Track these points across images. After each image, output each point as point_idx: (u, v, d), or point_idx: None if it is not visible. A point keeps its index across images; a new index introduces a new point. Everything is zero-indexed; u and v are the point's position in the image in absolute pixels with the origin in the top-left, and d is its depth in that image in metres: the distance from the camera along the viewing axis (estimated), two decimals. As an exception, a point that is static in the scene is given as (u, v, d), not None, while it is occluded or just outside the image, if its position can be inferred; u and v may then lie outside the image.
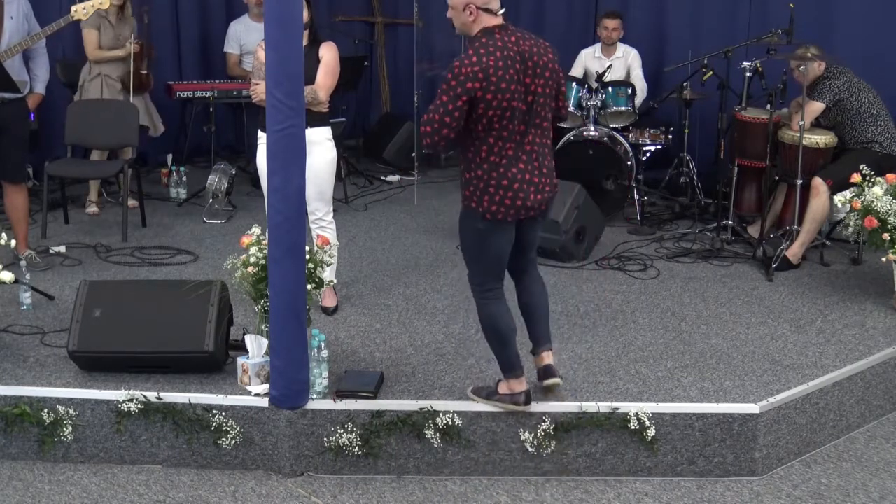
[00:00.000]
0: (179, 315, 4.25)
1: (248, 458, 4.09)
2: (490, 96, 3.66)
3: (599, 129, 6.95)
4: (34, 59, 5.79)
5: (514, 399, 4.03)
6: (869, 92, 5.96)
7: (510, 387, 4.04)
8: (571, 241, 6.02)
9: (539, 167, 3.87)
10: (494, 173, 3.78)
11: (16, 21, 5.47)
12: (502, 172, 3.78)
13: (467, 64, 3.66)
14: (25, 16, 5.57)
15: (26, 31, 5.55)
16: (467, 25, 3.81)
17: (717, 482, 4.05)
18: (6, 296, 5.16)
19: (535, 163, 3.85)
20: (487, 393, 4.11)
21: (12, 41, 5.41)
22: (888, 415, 4.66)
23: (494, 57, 3.68)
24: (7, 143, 5.51)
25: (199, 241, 6.37)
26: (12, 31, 5.44)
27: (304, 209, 4.09)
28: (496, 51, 3.70)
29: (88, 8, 5.46)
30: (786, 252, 5.88)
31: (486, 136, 3.75)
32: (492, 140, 3.75)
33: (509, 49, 3.73)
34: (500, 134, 3.75)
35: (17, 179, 5.67)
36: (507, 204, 3.80)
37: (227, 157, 8.13)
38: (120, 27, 6.83)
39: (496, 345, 4.03)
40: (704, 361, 4.55)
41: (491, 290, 3.95)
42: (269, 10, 3.72)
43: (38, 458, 4.11)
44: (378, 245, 6.39)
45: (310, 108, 4.61)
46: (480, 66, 3.65)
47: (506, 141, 3.76)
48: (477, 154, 3.79)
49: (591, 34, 8.20)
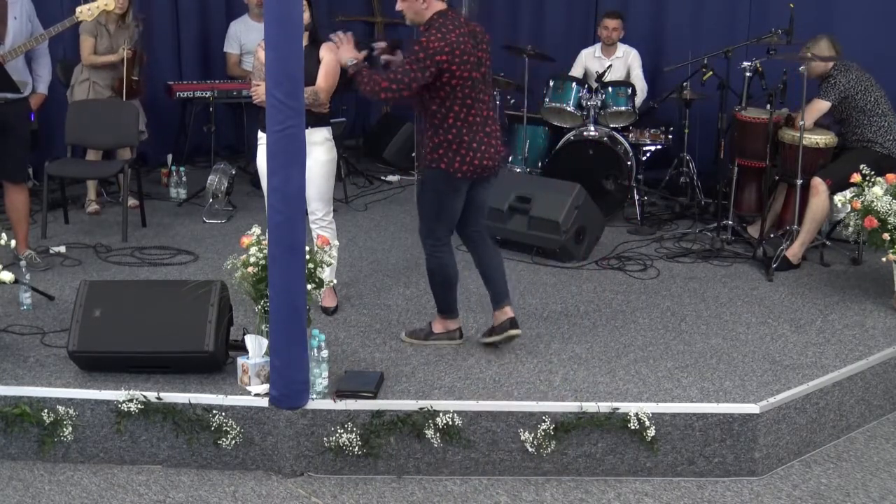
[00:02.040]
0: (179, 315, 4.25)
1: (248, 458, 4.09)
2: (455, 67, 4.24)
3: (599, 129, 6.95)
4: (37, 59, 5.79)
5: (450, 335, 4.71)
6: (877, 90, 5.94)
7: (446, 325, 4.71)
8: (571, 241, 6.02)
9: (492, 132, 4.47)
10: (460, 137, 4.35)
11: (19, 22, 5.47)
12: (465, 135, 4.35)
13: (434, 40, 4.20)
14: (29, 16, 5.56)
15: (29, 31, 5.54)
16: (420, 13, 4.36)
17: (717, 482, 4.05)
18: (6, 296, 5.16)
19: (488, 128, 4.45)
20: (425, 334, 4.71)
21: (16, 42, 5.41)
22: (888, 415, 4.66)
23: (455, 34, 4.25)
24: (9, 143, 5.51)
25: (199, 241, 6.37)
26: (16, 31, 5.44)
27: (304, 209, 4.09)
28: (455, 28, 4.27)
29: (94, 9, 5.48)
30: (786, 252, 5.88)
31: (451, 103, 4.31)
32: (457, 108, 4.33)
33: (462, 27, 4.33)
34: (465, 101, 4.33)
35: (18, 179, 5.67)
36: (471, 164, 4.39)
37: (227, 157, 8.13)
38: (118, 35, 6.85)
39: (443, 290, 4.66)
40: (704, 361, 4.55)
41: (445, 243, 4.56)
42: (269, 10, 3.72)
43: (38, 458, 4.11)
44: (378, 245, 6.39)
45: (310, 108, 4.61)
46: (447, 41, 4.21)
47: (469, 108, 4.35)
48: (444, 120, 4.34)
49: (591, 34, 8.19)
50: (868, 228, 5.19)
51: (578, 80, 7.29)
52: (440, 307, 4.71)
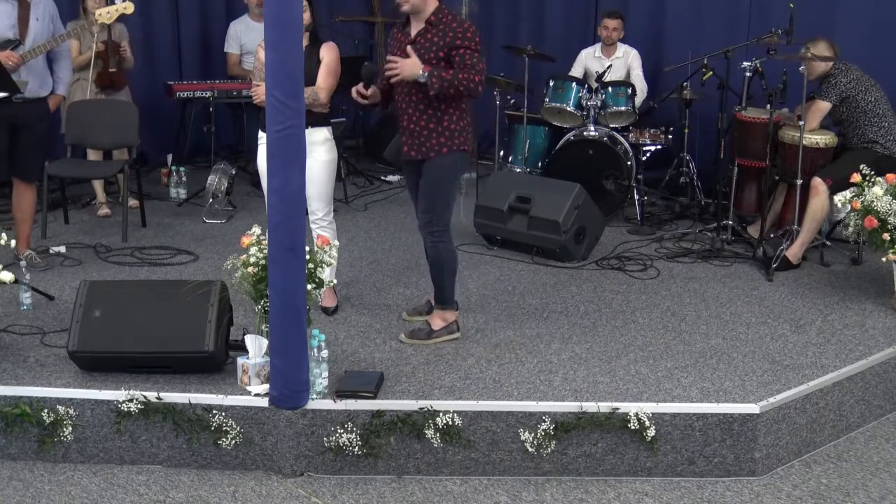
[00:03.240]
0: (179, 315, 4.25)
1: (248, 458, 4.09)
2: None
3: (599, 129, 6.96)
4: (58, 60, 5.79)
5: (450, 329, 4.74)
6: (877, 91, 5.95)
7: (445, 318, 4.74)
8: (571, 241, 6.02)
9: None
10: (468, 118, 4.58)
11: (41, 22, 5.49)
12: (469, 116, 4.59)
13: (469, 26, 4.45)
14: (51, 17, 5.58)
15: (51, 32, 5.56)
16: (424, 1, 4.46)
17: (717, 482, 4.05)
18: (6, 296, 5.16)
19: None
20: (426, 334, 4.71)
21: (37, 42, 5.43)
22: (888, 415, 4.66)
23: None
24: (25, 142, 5.52)
25: (199, 241, 6.38)
26: (37, 32, 5.46)
27: (304, 209, 4.09)
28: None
29: (113, 12, 5.57)
30: (786, 252, 5.88)
31: None
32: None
33: None
34: None
35: (29, 179, 5.68)
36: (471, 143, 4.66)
37: (227, 157, 8.14)
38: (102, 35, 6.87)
39: (450, 279, 4.71)
40: (704, 361, 4.55)
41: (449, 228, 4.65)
42: (269, 10, 3.72)
43: (38, 458, 4.11)
44: (378, 245, 6.39)
45: (310, 108, 4.61)
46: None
47: None
48: (461, 102, 4.52)
49: (591, 34, 8.20)
50: (868, 228, 5.19)
51: (578, 80, 7.29)
52: (443, 298, 4.74)
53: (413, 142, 4.60)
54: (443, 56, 4.41)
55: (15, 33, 5.37)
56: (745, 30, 7.31)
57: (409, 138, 4.62)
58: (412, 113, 4.55)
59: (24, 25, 5.40)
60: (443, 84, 4.34)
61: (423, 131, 4.56)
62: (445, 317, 4.75)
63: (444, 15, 4.46)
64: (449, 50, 4.40)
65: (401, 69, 4.37)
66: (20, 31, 5.39)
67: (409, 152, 4.65)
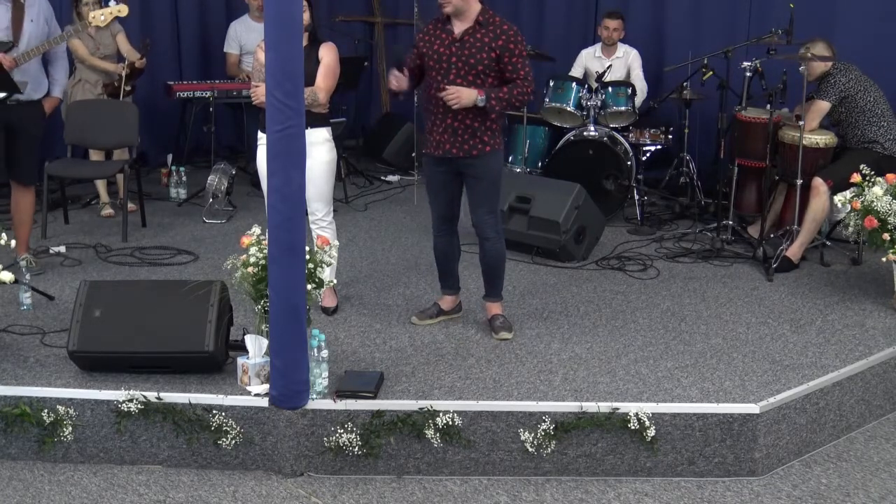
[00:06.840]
0: (179, 315, 4.25)
1: (248, 459, 4.09)
2: None
3: (599, 129, 6.95)
4: (53, 62, 5.66)
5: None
6: (875, 91, 5.95)
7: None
8: (571, 241, 6.02)
9: None
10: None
11: (36, 24, 5.40)
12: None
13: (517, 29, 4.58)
14: (46, 19, 5.49)
15: (46, 34, 5.47)
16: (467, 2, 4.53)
17: (717, 482, 4.05)
18: (6, 296, 5.16)
19: None
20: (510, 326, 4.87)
21: (31, 44, 5.35)
22: (888, 415, 4.67)
23: None
24: (21, 145, 5.48)
25: (199, 241, 6.37)
26: (32, 33, 5.38)
27: (304, 209, 4.09)
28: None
29: (107, 15, 5.54)
30: (786, 252, 5.88)
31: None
32: None
33: None
34: None
35: (27, 181, 5.65)
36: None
37: (227, 157, 8.14)
38: (100, 36, 6.89)
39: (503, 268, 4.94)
40: (704, 361, 4.55)
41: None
42: (269, 10, 3.72)
43: (38, 458, 4.11)
44: (378, 245, 6.39)
45: (310, 108, 4.61)
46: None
47: None
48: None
49: (591, 34, 8.19)
50: (868, 228, 5.19)
51: (578, 80, 7.29)
52: (501, 291, 4.96)
53: (455, 139, 4.61)
54: (494, 56, 4.52)
55: (8, 35, 5.30)
56: (745, 30, 7.31)
57: (450, 136, 4.61)
58: (457, 111, 4.54)
59: (17, 27, 5.32)
60: (501, 104, 4.53)
61: (469, 129, 4.59)
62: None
63: (492, 16, 4.57)
64: (501, 53, 4.51)
65: (457, 99, 4.46)
66: (14, 33, 5.30)
67: (451, 150, 4.63)
